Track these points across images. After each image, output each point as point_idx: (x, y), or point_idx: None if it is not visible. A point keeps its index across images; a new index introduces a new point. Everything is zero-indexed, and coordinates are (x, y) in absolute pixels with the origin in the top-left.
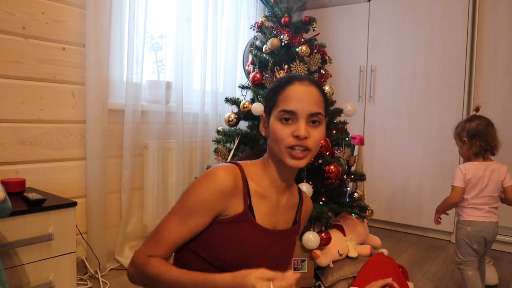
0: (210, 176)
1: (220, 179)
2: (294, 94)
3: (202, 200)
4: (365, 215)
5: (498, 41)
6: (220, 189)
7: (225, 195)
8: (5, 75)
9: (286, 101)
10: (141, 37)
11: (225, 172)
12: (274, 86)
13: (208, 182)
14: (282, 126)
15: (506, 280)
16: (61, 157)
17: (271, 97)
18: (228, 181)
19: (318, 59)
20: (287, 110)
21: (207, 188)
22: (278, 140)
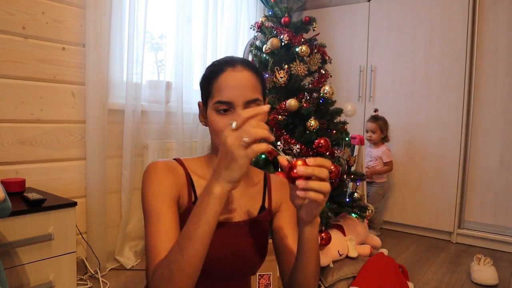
0: (149, 169)
1: (157, 165)
2: (227, 83)
3: (155, 191)
4: (365, 215)
5: (498, 41)
6: (160, 174)
7: (167, 177)
8: (5, 75)
9: (220, 91)
10: (141, 37)
11: (160, 161)
12: (207, 73)
13: (149, 176)
14: (220, 117)
15: (506, 280)
16: (61, 157)
17: (205, 86)
18: (164, 166)
19: (318, 59)
20: (222, 101)
21: (150, 180)
22: (217, 132)
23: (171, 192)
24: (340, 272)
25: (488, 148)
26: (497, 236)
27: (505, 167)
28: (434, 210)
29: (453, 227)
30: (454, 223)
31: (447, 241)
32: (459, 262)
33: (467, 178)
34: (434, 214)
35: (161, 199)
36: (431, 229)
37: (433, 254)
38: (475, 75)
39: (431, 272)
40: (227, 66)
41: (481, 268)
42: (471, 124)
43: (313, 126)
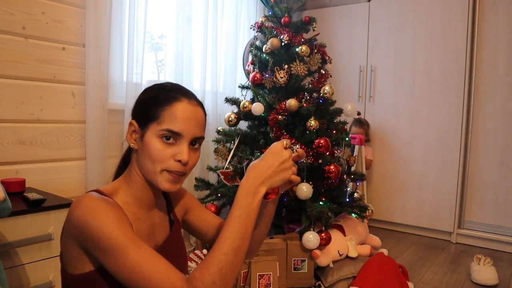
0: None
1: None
2: (183, 114)
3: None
4: (365, 215)
5: (498, 41)
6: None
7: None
8: (5, 75)
9: (172, 120)
10: (141, 37)
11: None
12: (157, 96)
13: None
14: (163, 146)
15: (506, 280)
16: (61, 157)
17: (152, 109)
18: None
19: (318, 59)
20: (172, 130)
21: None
22: (155, 161)
23: (126, 221)
24: (340, 272)
25: (488, 148)
26: (497, 236)
27: (505, 167)
28: (434, 210)
29: (453, 227)
30: (454, 223)
31: (447, 241)
32: (459, 262)
33: (467, 178)
34: (434, 214)
35: (126, 228)
36: (431, 229)
37: (433, 254)
38: (475, 75)
39: (431, 272)
40: (183, 97)
41: (481, 268)
42: (471, 124)
43: (313, 126)
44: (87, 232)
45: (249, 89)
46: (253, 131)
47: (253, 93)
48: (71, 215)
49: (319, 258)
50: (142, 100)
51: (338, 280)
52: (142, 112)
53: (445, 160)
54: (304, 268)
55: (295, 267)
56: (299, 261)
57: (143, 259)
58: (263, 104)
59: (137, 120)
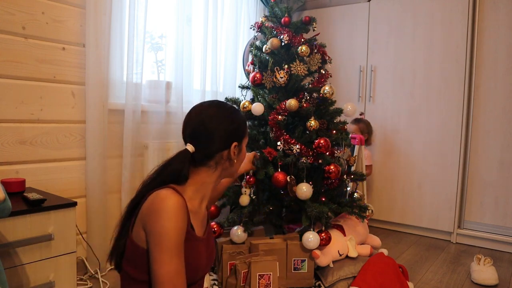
0: (168, 206)
1: (177, 203)
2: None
3: (179, 230)
4: (365, 215)
5: (498, 41)
6: (182, 212)
7: (185, 215)
8: (5, 75)
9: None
10: (141, 37)
11: (174, 195)
12: (243, 120)
13: (172, 212)
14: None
15: (506, 280)
16: (61, 157)
17: (244, 130)
18: (182, 202)
19: (318, 59)
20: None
21: (175, 217)
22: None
23: (184, 231)
24: (340, 272)
25: (488, 148)
26: (497, 236)
27: (505, 167)
28: (434, 210)
29: (453, 227)
30: (454, 223)
31: (447, 241)
32: (459, 262)
33: (467, 178)
34: (434, 214)
35: (182, 237)
36: (431, 229)
37: (433, 254)
38: (475, 75)
39: (431, 272)
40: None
41: (481, 268)
42: (471, 124)
43: (313, 126)
44: (156, 224)
45: (249, 89)
46: (253, 131)
47: (253, 93)
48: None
49: (319, 258)
50: (242, 122)
51: (338, 280)
52: (243, 131)
53: (445, 160)
54: (304, 268)
55: (295, 267)
56: (299, 261)
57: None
58: (263, 104)
59: (239, 139)
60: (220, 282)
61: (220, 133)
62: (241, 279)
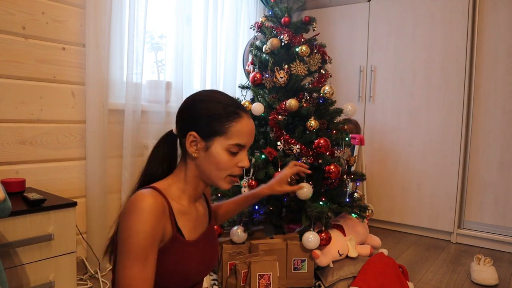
0: (140, 207)
1: (151, 206)
2: (246, 128)
3: (147, 234)
4: (365, 215)
5: (498, 41)
6: (155, 216)
7: (160, 219)
8: (5, 75)
9: (240, 135)
10: (141, 37)
11: (151, 197)
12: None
13: (143, 214)
14: (230, 157)
15: (506, 280)
16: (61, 157)
17: (217, 124)
18: (157, 205)
19: (318, 59)
20: (240, 144)
21: (144, 220)
22: (223, 169)
23: (159, 235)
24: (340, 272)
25: (488, 148)
26: (497, 236)
27: (505, 167)
28: (434, 210)
29: (453, 227)
30: (454, 223)
31: (447, 241)
32: (459, 262)
33: (467, 178)
34: (434, 214)
35: (151, 243)
36: (431, 229)
37: (433, 254)
38: (475, 75)
39: (431, 272)
40: (243, 112)
41: (481, 268)
42: (471, 124)
43: (313, 126)
44: (123, 225)
45: (249, 89)
46: None
47: (253, 93)
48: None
49: (319, 258)
50: (206, 115)
51: (338, 280)
52: (206, 126)
53: (445, 160)
54: (304, 268)
55: (295, 267)
56: (299, 261)
57: (136, 276)
58: (263, 104)
59: (199, 132)
60: (220, 282)
61: (182, 114)
62: (241, 279)
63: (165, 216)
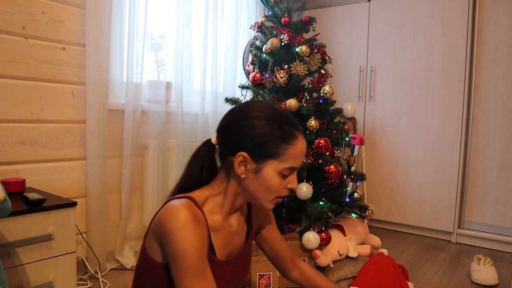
0: (181, 223)
1: (190, 219)
2: (302, 151)
3: (197, 248)
4: (365, 215)
5: (498, 41)
6: (197, 227)
7: (202, 230)
8: (5, 75)
9: (295, 158)
10: (141, 37)
11: (186, 209)
12: (276, 135)
13: (186, 229)
14: (281, 181)
15: (506, 281)
16: (61, 157)
17: (273, 145)
18: (194, 217)
19: (318, 59)
20: (294, 167)
21: (190, 235)
22: (272, 192)
23: (205, 245)
24: (340, 272)
25: (488, 148)
26: (497, 236)
27: (505, 167)
28: (434, 210)
29: (453, 227)
30: (454, 223)
31: (447, 241)
32: (459, 262)
33: (467, 178)
34: (434, 214)
35: (202, 255)
36: (431, 229)
37: (433, 254)
38: (475, 75)
39: (431, 272)
40: (299, 132)
41: (481, 268)
42: (471, 124)
43: (313, 126)
44: (171, 245)
45: (249, 89)
46: None
47: (253, 93)
48: (163, 222)
49: (319, 258)
50: (260, 136)
51: (338, 280)
52: (259, 148)
53: (445, 160)
54: None
55: None
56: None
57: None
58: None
59: (251, 153)
60: None
61: (231, 128)
62: None
63: (204, 228)
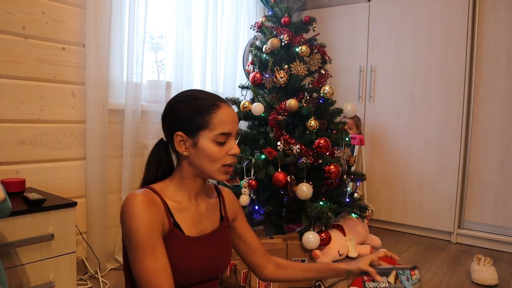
0: (132, 205)
1: (141, 201)
2: (227, 117)
3: (146, 227)
4: (365, 215)
5: (498, 41)
6: (148, 209)
7: (154, 212)
8: (5, 75)
9: (222, 124)
10: (141, 37)
11: (140, 194)
12: (199, 107)
13: (136, 211)
14: (218, 148)
15: (506, 280)
16: (61, 157)
17: (199, 118)
18: (147, 199)
19: (318, 59)
20: (225, 132)
21: (139, 215)
22: (215, 161)
23: (158, 225)
24: None
25: (488, 148)
26: (497, 236)
27: (505, 167)
28: (434, 210)
29: (453, 227)
30: (454, 223)
31: (447, 241)
32: (459, 262)
33: (467, 178)
34: (434, 214)
35: (153, 234)
36: (431, 229)
37: (433, 254)
38: (475, 75)
39: (431, 272)
40: (221, 102)
41: (481, 268)
42: (471, 124)
43: (313, 126)
44: (124, 227)
45: (249, 89)
46: (253, 131)
47: (253, 93)
48: (121, 210)
49: (319, 258)
50: (186, 113)
51: (338, 280)
52: (189, 123)
53: (445, 160)
54: None
55: None
56: (299, 261)
57: (151, 268)
58: (263, 104)
59: (184, 131)
60: (220, 282)
61: (165, 119)
62: (241, 279)
63: (159, 209)
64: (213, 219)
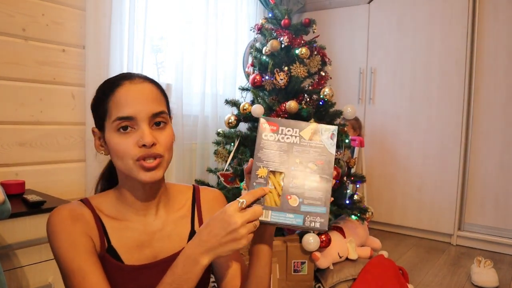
0: (53, 220)
1: (61, 214)
2: (126, 97)
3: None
4: (365, 217)
5: (498, 43)
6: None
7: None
8: (5, 77)
9: (119, 107)
10: (141, 39)
11: (65, 208)
12: (100, 91)
13: (56, 227)
14: (121, 138)
15: (507, 283)
16: (61, 159)
17: (99, 107)
18: (70, 212)
19: (318, 61)
20: (122, 116)
21: (60, 233)
22: (122, 155)
23: (85, 241)
24: (340, 274)
25: (488, 150)
26: (497, 238)
27: (505, 169)
28: (434, 212)
29: (453, 229)
30: (454, 225)
31: (447, 243)
32: (459, 264)
33: (467, 179)
34: (434, 216)
35: (78, 252)
36: (431, 231)
37: (433, 256)
38: (475, 76)
39: (431, 274)
40: (124, 80)
41: (481, 270)
42: (471, 125)
43: None
44: (51, 246)
45: (249, 91)
46: (253, 133)
47: (253, 95)
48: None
49: (319, 260)
50: (92, 104)
51: (338, 282)
52: (95, 116)
53: (445, 162)
54: (304, 270)
55: (295, 269)
56: (299, 263)
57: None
58: (263, 106)
59: (96, 124)
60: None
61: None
62: None
63: (87, 226)
64: (175, 238)
